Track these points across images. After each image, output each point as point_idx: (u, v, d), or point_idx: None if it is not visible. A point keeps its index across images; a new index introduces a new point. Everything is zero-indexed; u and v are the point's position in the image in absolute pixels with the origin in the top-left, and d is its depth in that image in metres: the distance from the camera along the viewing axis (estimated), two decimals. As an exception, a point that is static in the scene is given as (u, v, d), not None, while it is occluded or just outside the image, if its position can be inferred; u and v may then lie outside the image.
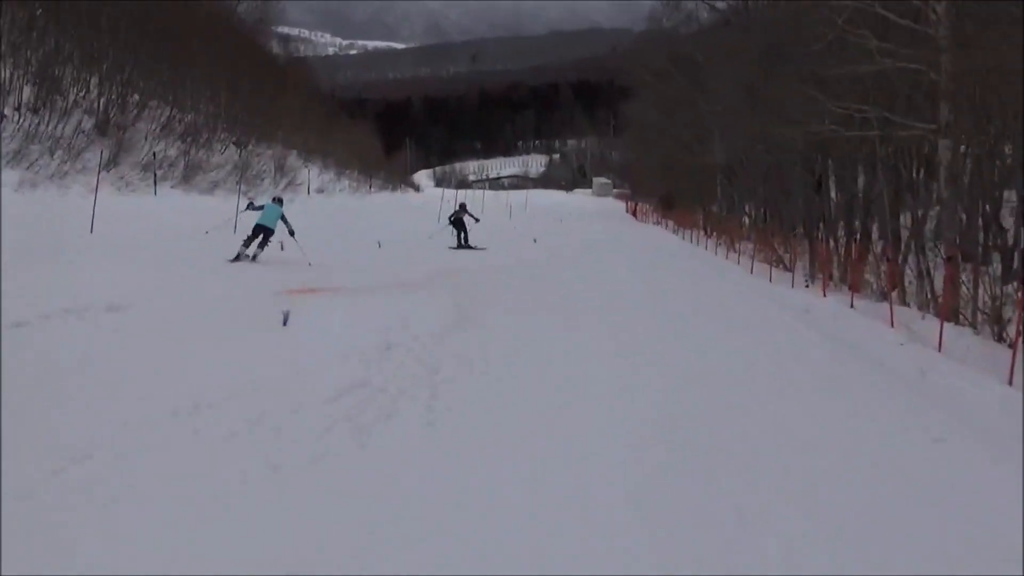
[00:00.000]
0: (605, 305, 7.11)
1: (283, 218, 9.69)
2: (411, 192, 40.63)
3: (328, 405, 3.67)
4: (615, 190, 61.36)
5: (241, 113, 20.68)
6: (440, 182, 76.99)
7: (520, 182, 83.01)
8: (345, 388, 3.95)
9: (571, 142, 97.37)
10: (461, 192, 31.79)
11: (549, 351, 5.00)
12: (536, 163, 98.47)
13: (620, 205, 45.75)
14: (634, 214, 36.61)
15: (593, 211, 37.05)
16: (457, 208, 14.66)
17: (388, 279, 8.14)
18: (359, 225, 15.72)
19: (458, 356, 4.73)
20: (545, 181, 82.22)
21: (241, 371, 4.07)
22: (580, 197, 58.91)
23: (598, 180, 67.95)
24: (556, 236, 17.31)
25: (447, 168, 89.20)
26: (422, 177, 72.72)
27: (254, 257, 9.24)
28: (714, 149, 19.18)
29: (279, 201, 10.00)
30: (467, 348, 4.94)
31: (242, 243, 9.39)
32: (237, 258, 9.07)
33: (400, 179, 41.01)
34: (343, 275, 8.03)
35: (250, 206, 10.03)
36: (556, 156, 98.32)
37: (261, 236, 9.44)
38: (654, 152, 27.69)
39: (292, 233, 9.64)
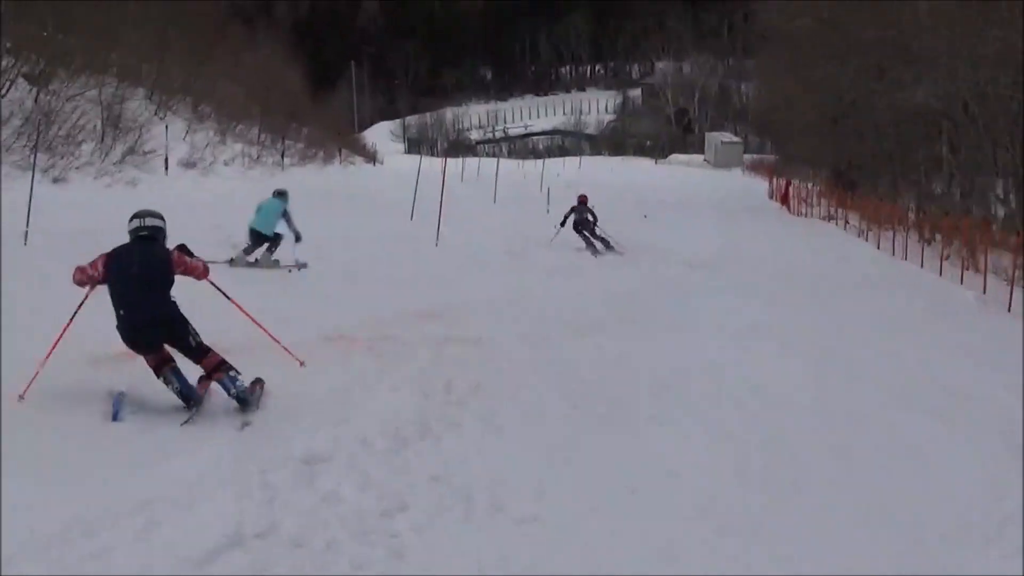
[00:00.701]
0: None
1: (286, 216, 10.81)
2: (362, 164, 37.72)
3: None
4: (748, 156, 59.49)
5: (38, 24, 15.82)
6: (415, 145, 72.32)
7: (566, 142, 78.12)
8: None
9: (663, 65, 77.22)
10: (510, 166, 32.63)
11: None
12: (595, 106, 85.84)
13: (756, 183, 44.12)
14: (784, 200, 33.00)
15: (710, 196, 36.48)
16: (577, 205, 16.52)
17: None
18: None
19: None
20: (614, 139, 74.45)
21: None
22: (683, 170, 56.62)
23: (718, 138, 62.00)
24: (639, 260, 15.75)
25: (429, 118, 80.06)
26: (381, 136, 69.50)
27: (258, 260, 10.61)
28: (936, 79, 15.52)
29: (282, 195, 11.15)
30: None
31: (242, 251, 10.79)
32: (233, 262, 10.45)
33: (341, 141, 35.55)
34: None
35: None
36: (634, 93, 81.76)
37: (264, 244, 10.81)
38: (816, 91, 24.23)
39: (298, 238, 10.71)
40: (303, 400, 5.59)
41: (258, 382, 5.65)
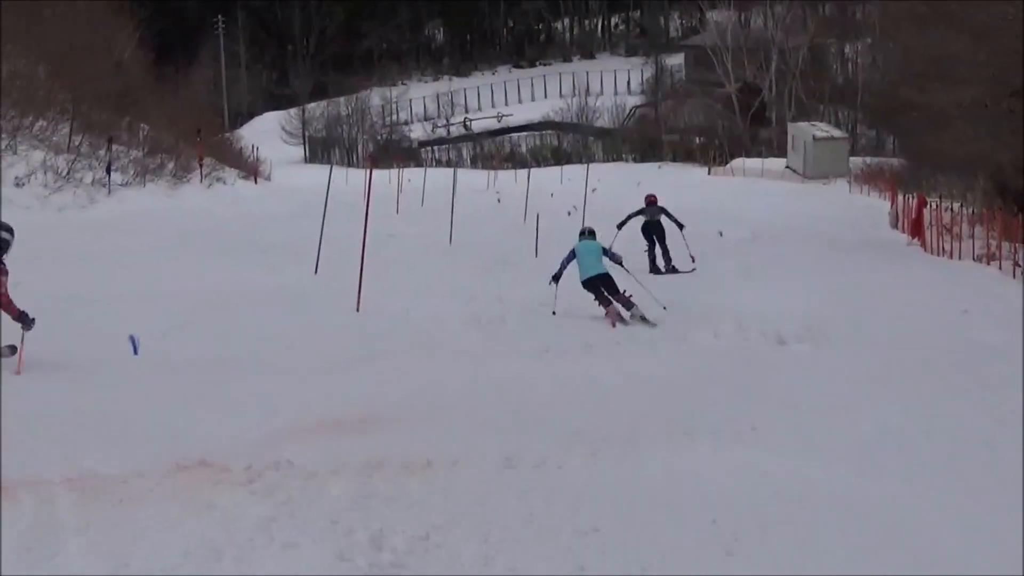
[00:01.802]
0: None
1: None
2: (237, 182, 39.49)
3: None
4: (856, 160, 60.98)
5: None
6: (322, 149, 76.86)
7: (565, 142, 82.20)
8: None
9: (718, 16, 79.25)
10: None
11: None
12: (610, 83, 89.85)
13: (871, 203, 46.04)
14: (916, 230, 32.81)
15: (799, 225, 37.31)
16: (648, 207, 20.15)
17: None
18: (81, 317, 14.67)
19: None
20: (642, 136, 79.22)
21: None
22: (754, 184, 58.48)
23: (809, 133, 63.32)
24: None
25: (344, 106, 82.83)
26: (269, 134, 72.41)
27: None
28: None
29: None
30: None
31: None
32: None
33: (204, 146, 37.27)
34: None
35: None
36: (673, 61, 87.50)
37: None
38: (986, 48, 25.28)
39: None
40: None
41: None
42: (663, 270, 22.18)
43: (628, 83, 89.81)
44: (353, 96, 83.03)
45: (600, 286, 16.78)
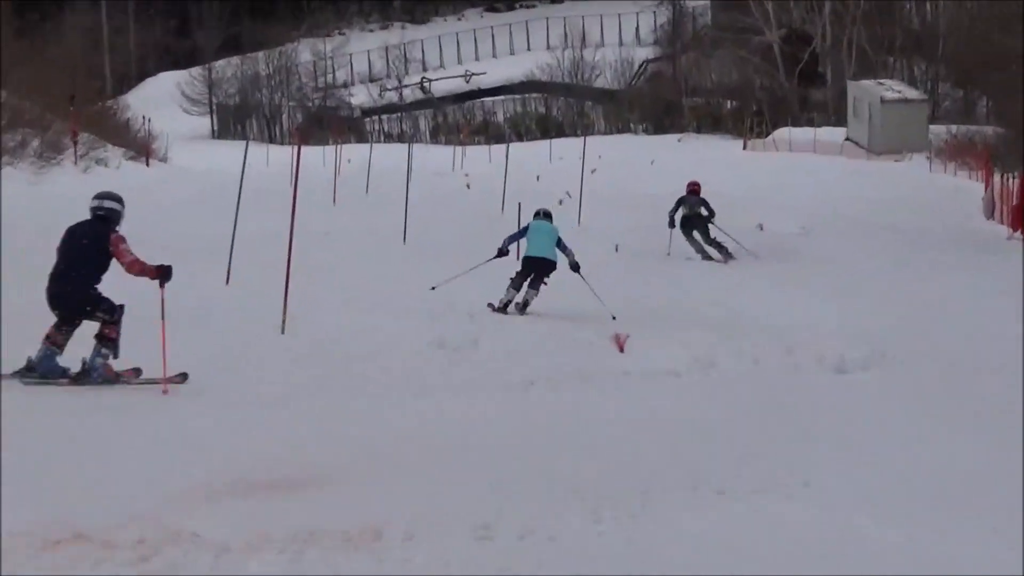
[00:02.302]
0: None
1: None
2: (124, 164, 40.32)
3: None
4: (936, 129, 61.25)
5: None
6: (235, 119, 79.16)
7: (555, 107, 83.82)
8: None
9: None
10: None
11: None
12: (614, 30, 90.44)
13: (957, 185, 47.47)
14: (1018, 221, 33.80)
15: (865, 215, 37.99)
16: (689, 196, 24.35)
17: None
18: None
19: None
20: (657, 100, 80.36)
21: None
22: (804, 160, 59.35)
23: (875, 94, 64.17)
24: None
25: (263, 63, 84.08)
26: (165, 101, 73.93)
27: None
28: None
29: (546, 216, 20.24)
30: None
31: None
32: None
33: (79, 117, 37.75)
34: None
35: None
36: (697, 2, 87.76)
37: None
38: None
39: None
40: None
41: (135, 372, 13.19)
42: (717, 257, 26.13)
43: (637, 31, 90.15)
44: (275, 51, 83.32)
45: (534, 272, 18.95)
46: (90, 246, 13.10)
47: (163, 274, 13.05)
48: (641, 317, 18.55)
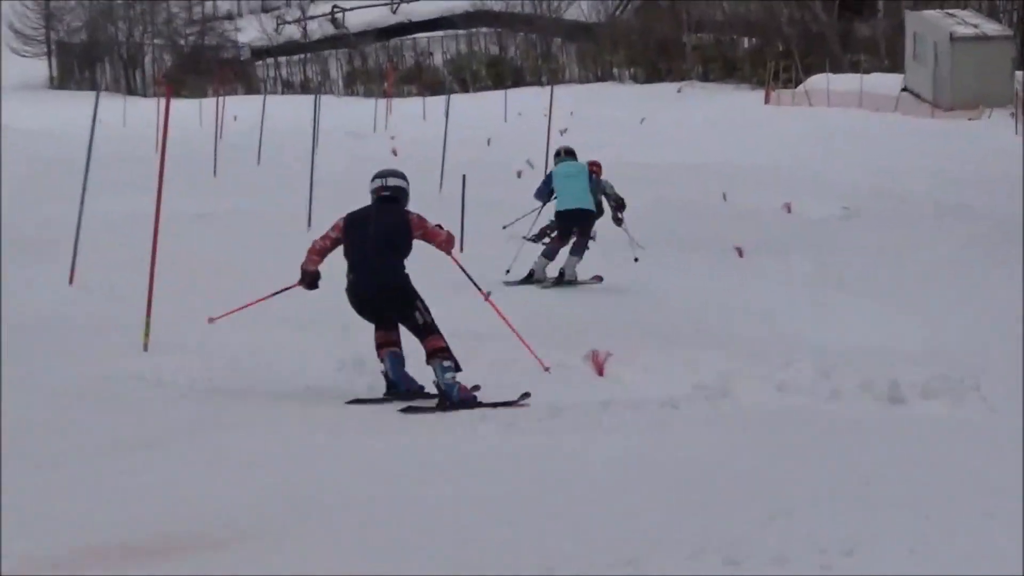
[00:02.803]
0: None
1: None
2: None
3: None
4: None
5: None
6: (80, 64, 79.92)
7: (513, 47, 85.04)
8: None
9: None
10: None
11: None
12: None
13: None
14: None
15: (925, 191, 39.22)
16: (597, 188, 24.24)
17: None
18: None
19: None
20: (646, 37, 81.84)
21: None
22: (847, 117, 60.59)
23: (943, 30, 64.47)
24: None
25: None
26: None
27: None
28: None
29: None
30: None
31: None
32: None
33: None
34: None
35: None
36: None
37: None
38: None
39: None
40: None
41: (476, 389, 14.71)
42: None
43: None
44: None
45: (575, 226, 21.42)
46: (394, 231, 15.50)
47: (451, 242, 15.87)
48: (630, 328, 18.67)
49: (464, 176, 25.20)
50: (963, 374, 16.50)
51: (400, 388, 14.94)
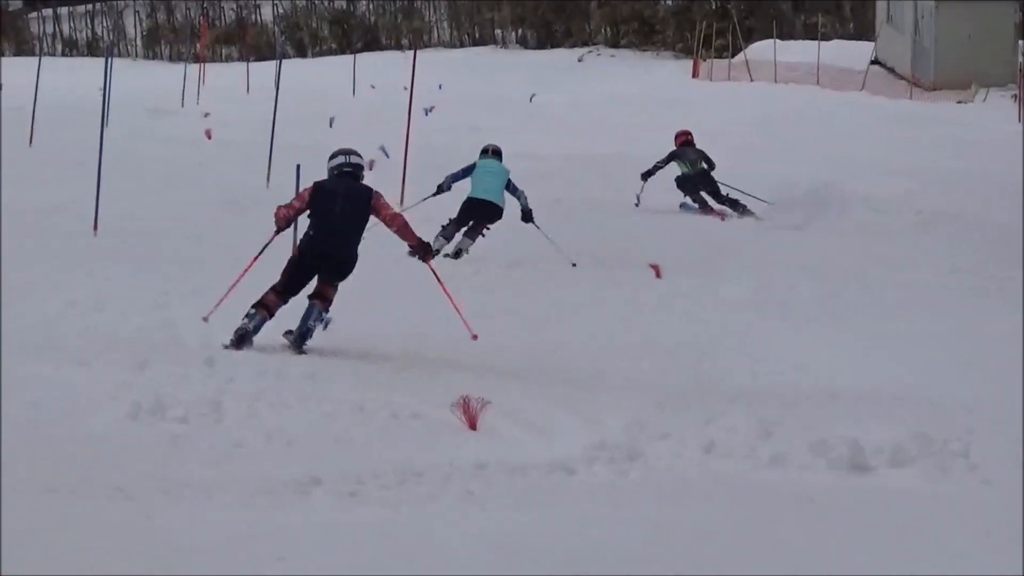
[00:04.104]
0: None
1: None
2: None
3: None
4: None
5: None
6: None
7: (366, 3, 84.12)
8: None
9: None
10: None
11: None
12: None
13: None
14: None
15: (906, 195, 40.57)
16: (679, 147, 32.13)
17: None
18: None
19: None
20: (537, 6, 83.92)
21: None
22: (800, 96, 62.92)
23: None
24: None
25: None
26: None
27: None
28: None
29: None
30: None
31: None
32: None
33: None
34: None
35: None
36: None
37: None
38: None
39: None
40: None
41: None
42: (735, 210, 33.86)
43: None
44: None
45: (475, 218, 26.23)
46: (357, 205, 20.83)
47: (424, 248, 21.03)
48: (514, 368, 18.70)
49: (298, 167, 25.20)
50: (947, 434, 16.58)
51: (246, 342, 19.92)
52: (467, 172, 27.33)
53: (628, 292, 24.91)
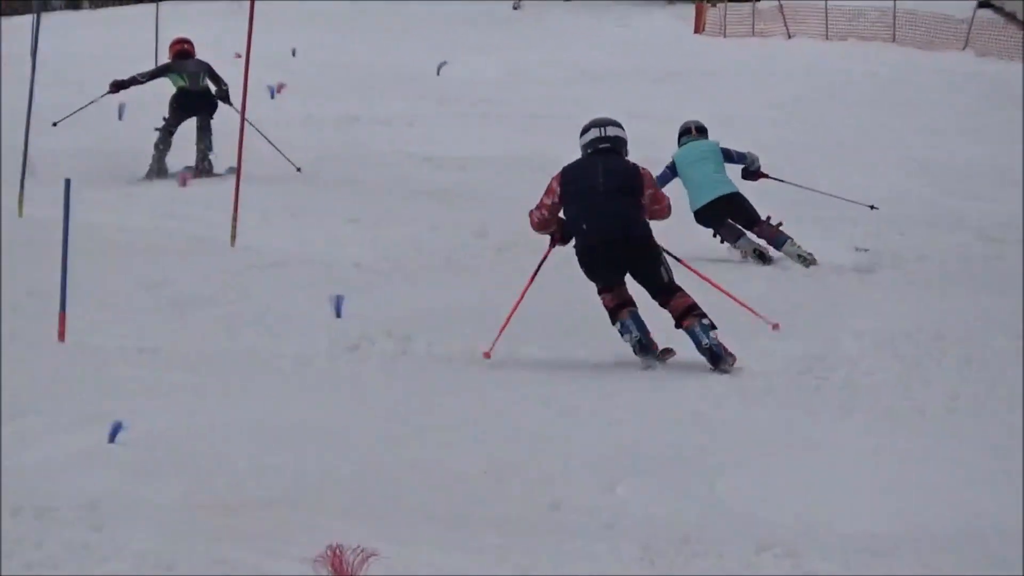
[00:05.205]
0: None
1: None
2: None
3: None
4: None
5: None
6: None
7: None
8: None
9: None
10: None
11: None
12: None
13: None
14: None
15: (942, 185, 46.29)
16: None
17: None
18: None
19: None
20: None
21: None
22: (819, 51, 69.51)
23: None
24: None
25: None
26: None
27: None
28: None
29: None
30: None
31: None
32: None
33: None
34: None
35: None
36: None
37: None
38: None
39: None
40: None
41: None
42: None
43: None
44: None
45: (729, 214, 28.51)
46: (625, 178, 24.59)
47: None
48: (414, 499, 18.78)
49: (68, 180, 25.10)
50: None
51: (652, 352, 24.03)
52: (673, 172, 29.38)
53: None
